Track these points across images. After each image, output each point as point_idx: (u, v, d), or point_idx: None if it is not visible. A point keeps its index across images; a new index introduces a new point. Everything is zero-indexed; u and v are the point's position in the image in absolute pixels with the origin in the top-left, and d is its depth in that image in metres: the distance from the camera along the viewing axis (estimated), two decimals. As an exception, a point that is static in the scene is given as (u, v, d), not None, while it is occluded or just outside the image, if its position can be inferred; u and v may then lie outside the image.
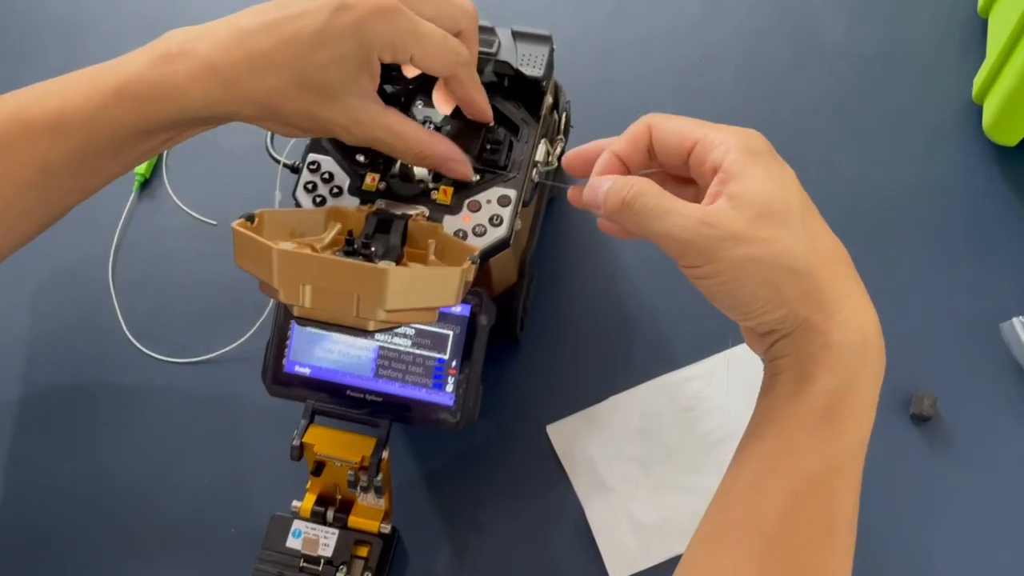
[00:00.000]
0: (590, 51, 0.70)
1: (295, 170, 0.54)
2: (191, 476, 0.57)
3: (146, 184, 0.66)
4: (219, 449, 0.58)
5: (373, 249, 0.45)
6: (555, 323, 0.60)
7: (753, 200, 0.38)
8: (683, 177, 0.43)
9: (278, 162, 0.57)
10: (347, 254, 0.44)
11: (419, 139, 0.47)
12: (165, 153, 0.67)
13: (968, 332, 0.58)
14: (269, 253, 0.40)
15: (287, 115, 0.45)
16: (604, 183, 0.41)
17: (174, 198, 0.66)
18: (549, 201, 0.63)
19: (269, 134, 0.59)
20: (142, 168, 0.66)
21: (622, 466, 0.56)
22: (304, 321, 0.42)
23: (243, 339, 0.60)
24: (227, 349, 0.61)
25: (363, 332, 0.41)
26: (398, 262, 0.46)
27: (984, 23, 0.67)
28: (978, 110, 0.64)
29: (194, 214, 0.65)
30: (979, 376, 0.57)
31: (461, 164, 0.49)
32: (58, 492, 0.57)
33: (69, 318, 0.63)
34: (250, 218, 0.44)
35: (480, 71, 0.51)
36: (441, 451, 0.57)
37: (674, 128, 0.42)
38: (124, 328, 0.62)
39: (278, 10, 0.43)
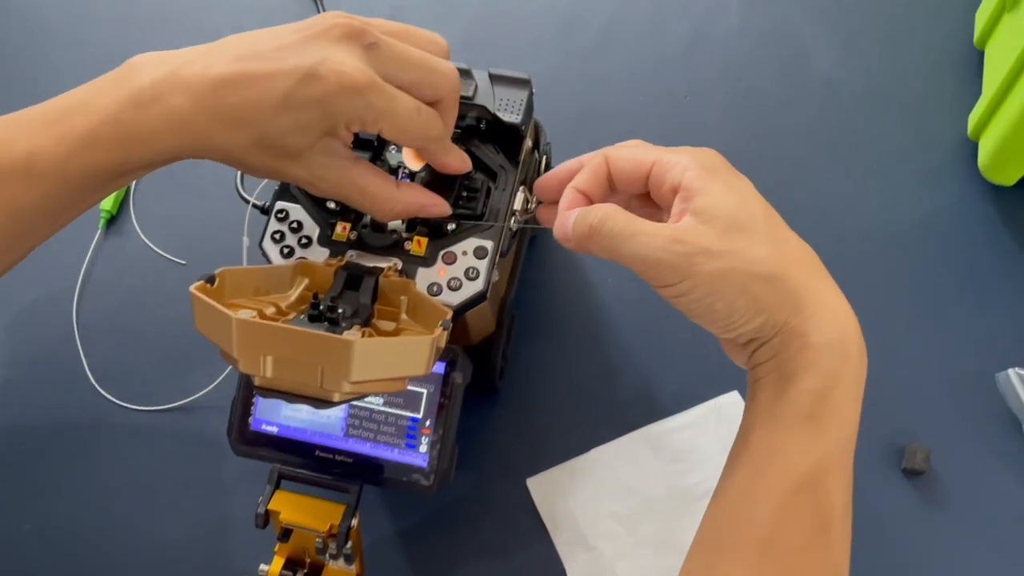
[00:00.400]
0: (574, 82, 0.67)
1: (265, 211, 0.52)
2: (156, 533, 0.55)
3: (112, 221, 0.64)
4: (186, 505, 0.56)
5: (340, 311, 0.42)
6: (536, 370, 0.58)
7: (718, 214, 0.39)
8: (646, 204, 0.44)
9: (248, 202, 0.55)
10: (312, 318, 0.41)
11: (384, 195, 0.45)
12: (132, 189, 0.65)
13: (962, 382, 0.56)
14: (228, 322, 0.38)
15: (252, 167, 0.44)
16: (571, 215, 0.42)
17: (141, 236, 0.63)
18: (531, 240, 0.61)
19: (239, 174, 0.57)
20: (108, 204, 0.63)
21: (605, 523, 0.54)
22: (265, 391, 0.40)
23: (212, 386, 0.58)
24: (196, 396, 0.58)
25: (328, 404, 0.39)
26: (367, 322, 0.44)
27: (980, 55, 0.65)
28: (973, 147, 0.62)
29: (162, 253, 0.63)
30: (974, 429, 0.55)
31: (435, 207, 0.47)
32: (13, 548, 0.55)
33: (30, 361, 0.60)
34: (210, 279, 0.42)
35: (462, 117, 0.49)
36: (416, 506, 0.55)
37: (630, 155, 0.43)
38: (88, 373, 0.59)
39: (252, 62, 0.41)
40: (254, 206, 0.55)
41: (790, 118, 0.65)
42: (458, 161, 0.47)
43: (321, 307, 0.42)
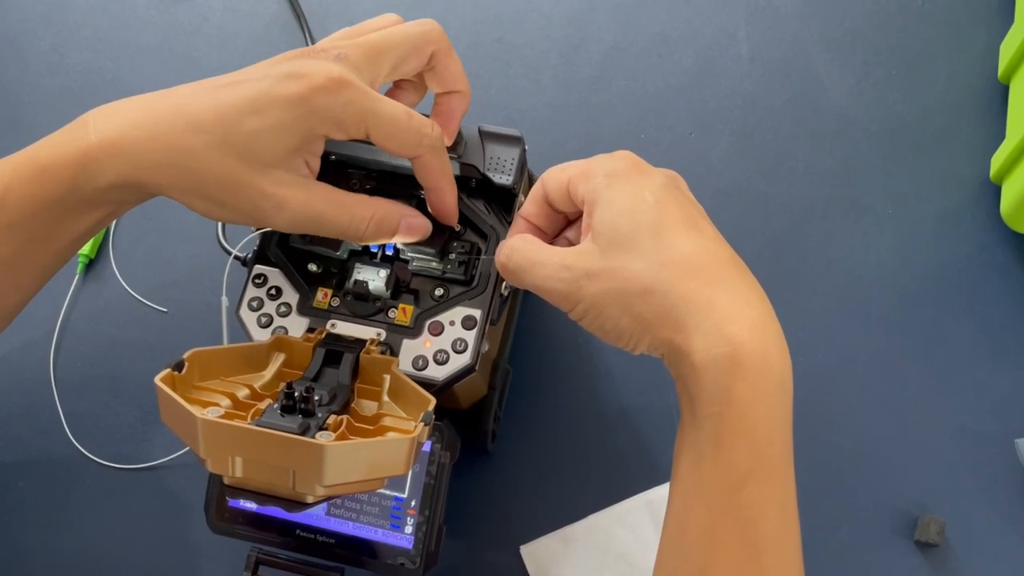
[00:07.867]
0: (573, 115, 0.64)
1: (246, 263, 0.50)
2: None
3: (91, 265, 0.61)
4: (165, 572, 0.54)
5: (317, 398, 0.40)
6: (531, 430, 0.56)
7: (605, 228, 0.38)
8: None
9: (229, 254, 0.52)
10: (285, 409, 0.39)
11: (359, 203, 0.41)
12: (111, 232, 0.62)
13: (979, 448, 0.53)
14: (194, 421, 0.35)
15: (207, 182, 0.40)
16: (499, 250, 0.42)
17: (121, 281, 0.61)
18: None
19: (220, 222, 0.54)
20: (87, 248, 0.60)
21: (601, 595, 0.51)
22: (235, 491, 0.37)
23: (193, 444, 0.56)
24: (177, 455, 0.56)
25: (302, 506, 0.37)
26: (346, 407, 0.42)
27: (1005, 90, 0.62)
28: (995, 190, 0.59)
29: (143, 300, 0.60)
30: (992, 499, 0.52)
31: (416, 218, 0.43)
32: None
33: (5, 415, 0.58)
34: (178, 366, 0.39)
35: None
36: None
37: (555, 176, 0.41)
38: (65, 427, 0.57)
39: (222, 79, 0.40)
40: (236, 258, 0.52)
41: (800, 155, 0.62)
42: (452, 193, 0.44)
43: (296, 394, 0.39)
